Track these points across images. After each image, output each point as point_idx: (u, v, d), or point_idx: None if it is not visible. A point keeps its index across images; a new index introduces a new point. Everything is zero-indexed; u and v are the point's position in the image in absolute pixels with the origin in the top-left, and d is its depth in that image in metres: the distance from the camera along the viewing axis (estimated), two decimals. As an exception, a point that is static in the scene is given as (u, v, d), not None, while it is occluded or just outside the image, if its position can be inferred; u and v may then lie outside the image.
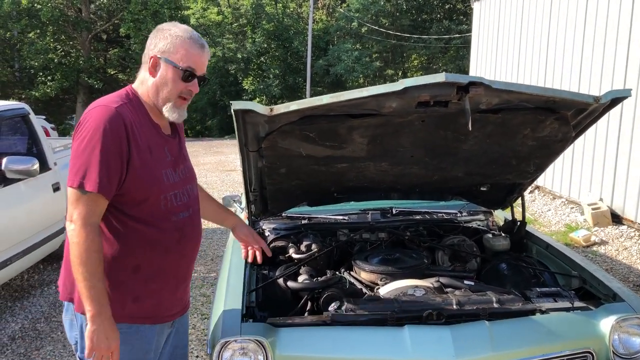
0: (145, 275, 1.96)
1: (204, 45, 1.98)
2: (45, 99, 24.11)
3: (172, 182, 1.99)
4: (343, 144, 2.49)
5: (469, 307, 2.38)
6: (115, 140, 1.81)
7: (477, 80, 2.07)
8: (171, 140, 2.06)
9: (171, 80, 1.93)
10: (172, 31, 1.94)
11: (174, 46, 1.92)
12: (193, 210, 2.09)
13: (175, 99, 1.96)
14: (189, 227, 2.05)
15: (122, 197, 1.88)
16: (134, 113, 1.92)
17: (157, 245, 1.95)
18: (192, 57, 1.93)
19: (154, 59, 1.93)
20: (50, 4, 22.47)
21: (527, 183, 3.11)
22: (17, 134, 5.28)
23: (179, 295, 2.12)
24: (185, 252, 2.07)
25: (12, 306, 4.86)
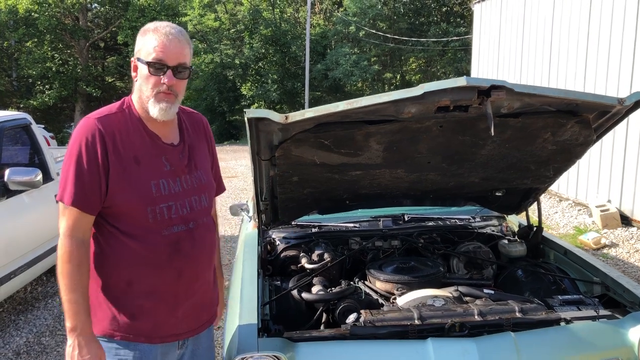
0: (139, 292, 1.88)
1: (172, 33, 1.85)
2: (44, 107, 24.06)
3: (167, 194, 1.89)
4: (359, 151, 2.42)
5: (491, 318, 2.31)
6: (89, 153, 1.80)
7: (499, 83, 2.01)
8: (172, 149, 1.95)
9: (145, 77, 1.85)
10: (144, 29, 1.90)
11: (143, 43, 1.86)
12: (196, 224, 1.96)
13: (154, 95, 1.86)
14: (186, 242, 1.92)
15: (109, 209, 1.84)
16: (124, 123, 1.88)
17: (146, 260, 1.87)
18: (159, 48, 1.83)
19: (133, 62, 1.90)
20: (47, 13, 22.42)
21: (543, 188, 3.04)
22: (18, 144, 5.21)
23: (180, 315, 1.98)
24: (183, 270, 1.94)
25: (16, 320, 4.78)
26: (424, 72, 31.02)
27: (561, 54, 8.23)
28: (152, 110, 1.87)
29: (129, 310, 1.89)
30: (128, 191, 1.82)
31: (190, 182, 1.97)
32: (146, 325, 1.91)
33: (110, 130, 1.83)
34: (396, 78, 31.92)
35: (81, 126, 1.84)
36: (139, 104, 1.91)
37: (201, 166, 2.04)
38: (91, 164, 1.79)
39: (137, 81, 1.89)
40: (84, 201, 1.79)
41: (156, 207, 1.86)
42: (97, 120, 1.84)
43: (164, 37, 1.84)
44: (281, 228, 3.49)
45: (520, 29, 9.56)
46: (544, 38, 8.74)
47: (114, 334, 1.88)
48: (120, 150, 1.83)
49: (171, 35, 1.85)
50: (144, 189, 1.85)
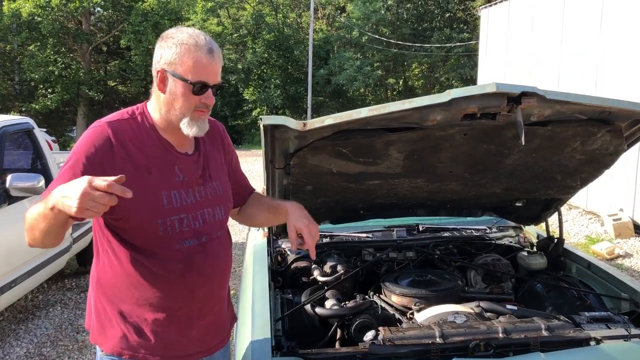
0: (150, 309, 1.78)
1: (213, 50, 1.73)
2: (46, 111, 24.00)
3: (179, 206, 1.78)
4: (378, 159, 2.31)
5: (517, 336, 2.19)
6: (92, 157, 1.67)
7: (530, 90, 1.90)
8: (186, 159, 1.84)
9: (182, 95, 1.72)
10: (176, 38, 1.71)
11: (180, 57, 1.69)
12: (209, 238, 1.85)
13: (191, 114, 1.75)
14: (198, 257, 1.81)
15: (117, 221, 1.73)
16: (136, 129, 1.76)
17: (157, 277, 1.76)
18: (202, 68, 1.70)
19: (161, 73, 1.73)
20: (50, 17, 22.40)
21: (566, 198, 2.93)
22: (21, 148, 5.11)
23: (193, 335, 1.87)
24: (195, 287, 1.82)
25: (16, 329, 4.66)
26: (426, 78, 30.99)
27: (571, 56, 8.12)
28: (188, 129, 1.75)
29: (139, 328, 1.78)
30: (137, 202, 1.69)
31: (205, 194, 1.85)
32: (157, 344, 1.80)
33: (121, 137, 1.72)
34: (399, 83, 31.89)
35: (91, 130, 1.73)
36: (163, 117, 1.78)
37: (217, 176, 1.93)
38: (91, 168, 1.64)
39: (164, 95, 1.74)
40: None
41: (167, 219, 1.75)
42: (108, 125, 1.73)
43: (208, 55, 1.71)
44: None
45: (528, 34, 9.46)
46: (553, 43, 8.64)
47: (122, 352, 1.79)
48: (131, 158, 1.72)
49: (214, 53, 1.73)
50: (155, 200, 1.74)
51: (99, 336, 1.82)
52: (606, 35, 7.29)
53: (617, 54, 7.04)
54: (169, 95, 1.73)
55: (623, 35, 6.92)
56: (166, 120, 1.78)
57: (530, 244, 3.43)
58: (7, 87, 24.32)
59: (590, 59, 7.62)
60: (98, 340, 1.83)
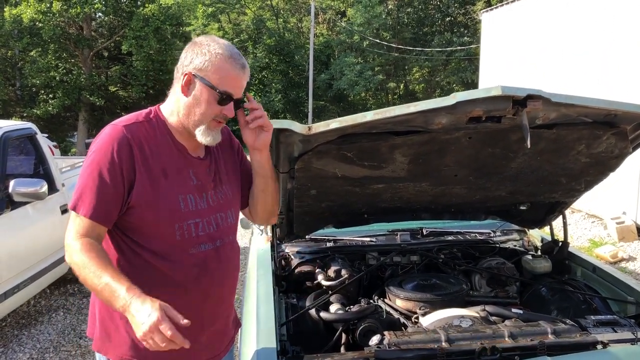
0: None
1: (245, 66, 1.77)
2: (47, 116, 23.98)
3: (195, 210, 1.78)
4: (383, 163, 2.31)
5: (523, 340, 2.18)
6: (114, 163, 1.66)
7: (535, 93, 1.90)
8: (200, 162, 1.85)
9: (205, 102, 1.73)
10: (211, 47, 1.72)
11: (213, 65, 1.70)
12: (222, 242, 1.86)
13: (209, 122, 1.76)
14: (212, 262, 1.82)
15: (131, 224, 1.72)
16: (151, 132, 1.76)
17: (171, 281, 1.75)
18: (232, 80, 1.73)
19: (189, 76, 1.73)
20: (51, 22, 22.40)
21: (571, 202, 2.92)
22: (23, 154, 5.11)
23: (204, 340, 1.87)
24: (210, 292, 1.83)
25: (19, 334, 4.65)
26: (427, 82, 30.99)
27: (574, 60, 8.11)
28: (202, 137, 1.76)
29: None
30: (155, 205, 1.71)
31: (216, 198, 1.86)
32: (167, 351, 1.78)
33: (138, 140, 1.72)
34: (400, 88, 31.91)
35: (108, 133, 1.72)
36: (181, 120, 1.78)
37: (227, 180, 1.93)
38: (116, 175, 1.66)
39: (187, 98, 1.75)
40: (102, 214, 1.66)
41: (184, 223, 1.75)
42: (125, 128, 1.72)
43: (241, 70, 1.75)
44: (294, 242, 3.37)
45: (530, 38, 9.47)
46: (555, 45, 8.64)
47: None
48: (148, 161, 1.72)
49: (245, 68, 1.77)
50: (172, 204, 1.74)
51: (104, 344, 1.79)
52: (608, 35, 7.29)
53: (619, 54, 7.04)
54: (192, 100, 1.74)
55: (625, 35, 6.92)
56: (182, 124, 1.78)
57: (534, 247, 3.42)
58: (9, 93, 24.32)
59: (592, 60, 7.61)
60: (103, 348, 1.79)
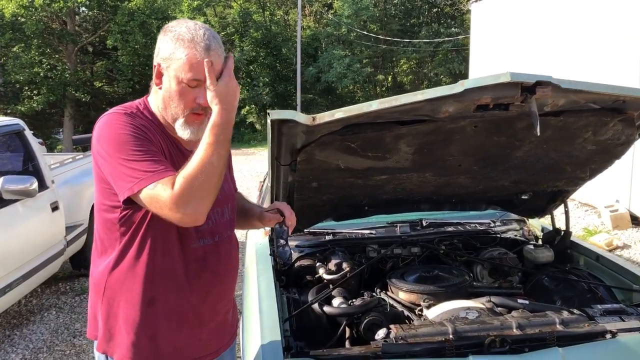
0: (162, 311, 1.71)
1: (210, 46, 1.59)
2: (32, 113, 23.64)
3: None
4: (387, 154, 2.26)
5: (531, 331, 2.15)
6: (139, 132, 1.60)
7: (544, 79, 1.86)
8: None
9: (176, 93, 1.63)
10: (175, 32, 1.62)
11: (175, 52, 1.59)
12: (220, 237, 1.81)
13: (186, 116, 1.67)
14: (212, 257, 1.77)
15: (133, 216, 1.64)
16: (150, 126, 1.69)
17: (172, 276, 1.70)
18: (197, 65, 1.58)
19: (157, 67, 1.65)
20: (34, 17, 22.05)
21: (573, 190, 2.89)
22: (10, 150, 5.00)
23: (204, 337, 1.82)
24: (210, 287, 1.78)
25: (10, 335, 4.56)
26: (415, 74, 31.03)
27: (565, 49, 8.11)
28: (182, 132, 1.68)
29: (149, 332, 1.71)
30: None
31: None
32: (167, 349, 1.73)
33: (141, 126, 1.64)
34: (388, 80, 31.89)
35: (113, 119, 1.63)
36: (162, 114, 1.72)
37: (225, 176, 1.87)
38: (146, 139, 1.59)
39: (161, 91, 1.68)
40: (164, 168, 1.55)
41: None
42: (125, 114, 1.64)
43: (204, 52, 1.58)
44: (293, 236, 3.31)
45: (520, 28, 9.46)
46: (546, 36, 8.64)
47: None
48: (161, 145, 1.66)
49: (211, 49, 1.59)
50: None
51: (109, 344, 1.73)
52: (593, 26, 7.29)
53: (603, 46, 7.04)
54: (164, 92, 1.67)
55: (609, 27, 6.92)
56: (164, 118, 1.72)
57: (534, 237, 3.39)
58: (-8, 89, 23.98)
59: (577, 51, 7.62)
60: (108, 348, 1.73)
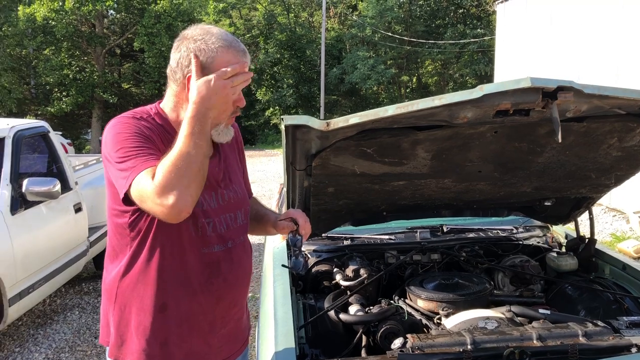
0: (173, 317, 1.70)
1: (245, 51, 1.69)
2: (61, 114, 24.14)
3: (206, 209, 1.71)
4: (404, 159, 2.22)
5: (552, 343, 2.08)
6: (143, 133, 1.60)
7: (566, 84, 1.80)
8: (209, 161, 1.77)
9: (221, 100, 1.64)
10: (208, 41, 1.62)
11: (216, 59, 1.60)
12: (233, 243, 1.79)
13: (227, 120, 1.70)
14: (225, 263, 1.75)
15: (144, 221, 1.64)
16: (159, 130, 1.68)
17: (183, 282, 1.69)
18: (240, 69, 1.62)
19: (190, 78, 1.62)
20: (64, 20, 22.50)
21: (598, 197, 2.81)
22: (36, 152, 5.08)
23: (215, 343, 1.80)
24: (222, 294, 1.76)
25: (34, 334, 4.63)
26: (440, 75, 30.78)
27: (592, 51, 7.93)
28: (220, 137, 1.71)
29: (161, 338, 1.70)
30: None
31: (227, 198, 1.79)
32: (178, 355, 1.72)
33: (149, 132, 1.64)
34: (412, 81, 31.70)
35: (120, 122, 1.63)
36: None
37: (235, 179, 1.86)
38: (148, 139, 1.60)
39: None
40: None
41: (197, 221, 1.68)
42: (134, 119, 1.64)
43: (243, 56, 1.66)
44: (311, 240, 3.29)
45: (547, 28, 9.28)
46: (573, 35, 8.45)
47: None
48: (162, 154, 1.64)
49: (246, 53, 1.68)
50: None
51: (120, 350, 1.72)
52: (628, 26, 7.10)
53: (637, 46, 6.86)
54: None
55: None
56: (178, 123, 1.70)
57: (558, 244, 3.31)
58: (24, 91, 24.50)
59: (612, 52, 7.43)
60: (120, 355, 1.73)
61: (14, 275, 3.86)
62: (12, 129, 4.33)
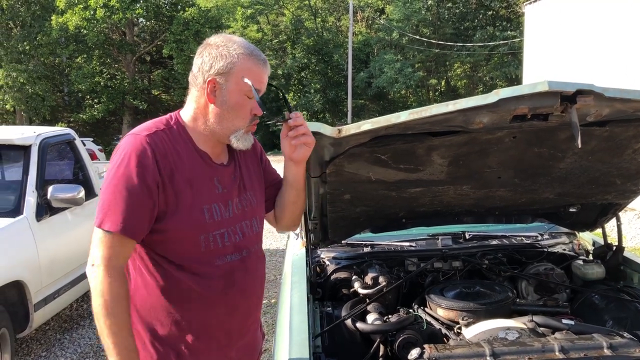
0: (189, 330, 1.69)
1: (266, 60, 1.73)
2: (93, 121, 24.67)
3: (220, 219, 1.70)
4: (420, 166, 2.17)
5: (575, 355, 2.01)
6: (141, 172, 1.57)
7: (586, 88, 1.73)
8: (223, 169, 1.76)
9: (238, 105, 1.67)
10: (230, 48, 1.65)
11: (237, 66, 1.64)
12: (248, 252, 1.78)
13: (248, 127, 1.72)
14: (239, 273, 1.74)
15: (155, 237, 1.63)
16: (173, 141, 1.67)
17: (198, 295, 1.67)
18: (258, 77, 1.68)
19: (213, 82, 1.64)
20: (96, 29, 23.01)
21: (625, 203, 2.71)
22: (63, 159, 5.17)
23: (233, 355, 1.79)
24: (237, 304, 1.75)
25: (61, 339, 4.70)
26: (469, 78, 30.46)
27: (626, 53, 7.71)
28: (239, 142, 1.72)
29: (176, 351, 1.69)
30: (179, 218, 1.62)
31: (241, 206, 1.78)
32: None
33: (162, 149, 1.62)
34: (441, 84, 31.45)
35: (129, 143, 1.62)
36: (210, 128, 1.70)
37: (250, 186, 1.84)
38: (144, 185, 1.56)
39: (214, 106, 1.67)
40: (133, 227, 1.56)
41: (209, 234, 1.67)
42: (147, 138, 1.62)
43: (263, 65, 1.72)
44: (330, 247, 3.26)
45: (577, 30, 9.09)
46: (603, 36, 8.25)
47: None
48: (173, 172, 1.63)
49: (267, 62, 1.74)
50: (197, 215, 1.65)
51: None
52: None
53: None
54: (221, 106, 1.67)
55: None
56: (212, 132, 1.70)
57: (585, 251, 3.21)
58: (57, 99, 25.13)
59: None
60: None
61: (39, 281, 3.92)
62: (39, 136, 4.41)
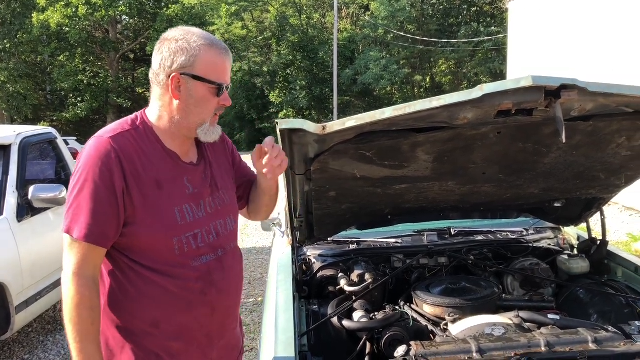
0: (167, 333, 1.65)
1: (227, 49, 1.69)
2: (76, 120, 24.42)
3: (192, 220, 1.66)
4: (405, 162, 2.16)
5: (561, 349, 2.01)
6: (105, 178, 1.54)
7: (569, 82, 1.73)
8: (194, 169, 1.73)
9: (203, 98, 1.63)
10: (189, 40, 1.61)
11: (199, 58, 1.60)
12: (224, 251, 1.75)
13: (211, 119, 1.68)
14: (217, 273, 1.71)
15: (126, 241, 1.60)
16: (139, 142, 1.63)
17: (175, 298, 1.64)
18: (220, 68, 1.64)
19: (177, 77, 1.60)
20: (78, 27, 22.75)
21: (609, 198, 2.73)
22: (45, 159, 5.09)
23: (214, 356, 1.77)
24: (216, 304, 1.72)
25: (44, 340, 4.63)
26: (454, 74, 30.58)
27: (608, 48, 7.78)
28: (209, 135, 1.69)
29: (156, 354, 1.65)
30: (150, 221, 1.59)
31: (214, 205, 1.74)
32: None
33: (128, 151, 1.59)
34: (426, 81, 31.54)
35: (93, 147, 1.58)
36: (177, 124, 1.66)
37: (222, 185, 1.81)
38: (108, 191, 1.53)
39: (178, 101, 1.63)
40: (99, 234, 1.54)
41: (182, 236, 1.63)
42: (112, 140, 1.58)
43: (225, 55, 1.67)
44: (316, 245, 3.24)
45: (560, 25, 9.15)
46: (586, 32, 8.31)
47: None
48: (140, 174, 1.59)
49: (228, 52, 1.68)
50: (168, 218, 1.61)
51: None
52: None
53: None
54: (186, 101, 1.63)
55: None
56: (179, 127, 1.66)
57: (570, 246, 3.22)
58: (39, 98, 24.83)
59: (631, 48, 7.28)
60: None
61: (20, 283, 3.85)
62: (19, 135, 4.34)
